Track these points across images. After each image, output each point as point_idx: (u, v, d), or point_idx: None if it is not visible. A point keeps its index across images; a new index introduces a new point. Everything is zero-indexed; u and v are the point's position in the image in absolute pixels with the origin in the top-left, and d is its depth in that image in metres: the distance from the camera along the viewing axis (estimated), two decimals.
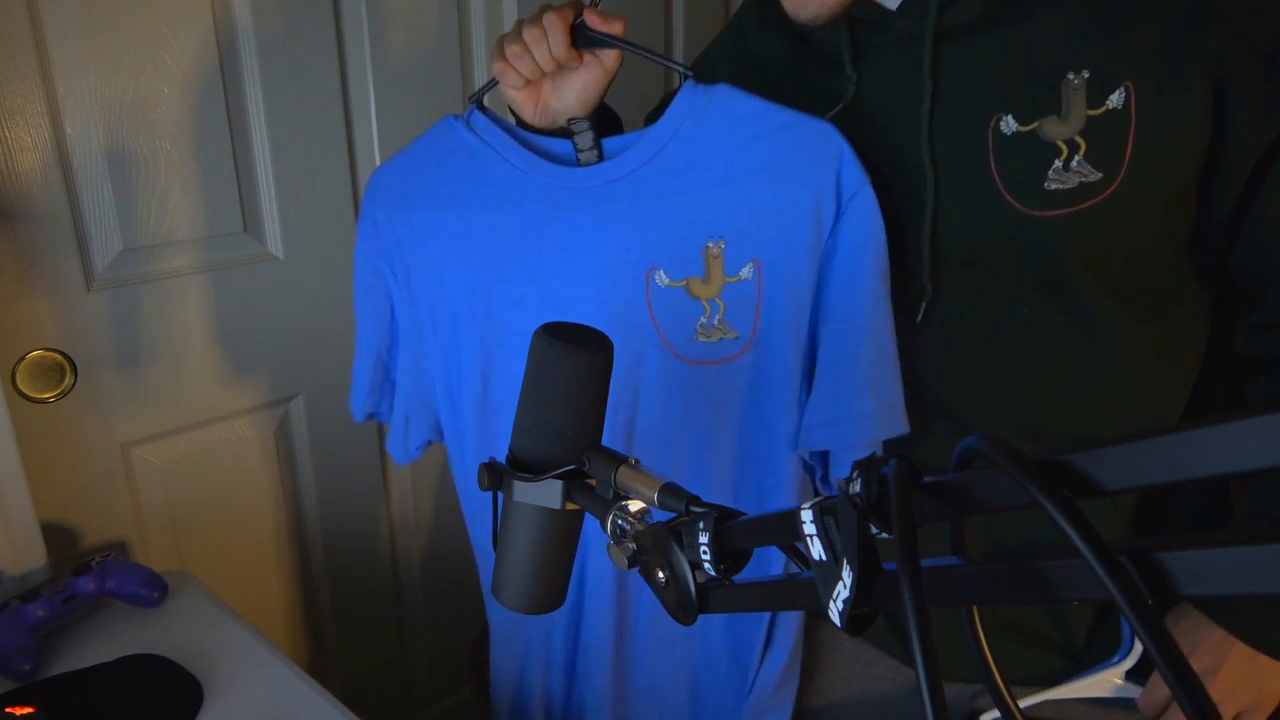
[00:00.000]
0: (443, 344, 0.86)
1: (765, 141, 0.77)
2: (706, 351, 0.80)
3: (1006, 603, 0.30)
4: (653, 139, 0.78)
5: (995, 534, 0.82)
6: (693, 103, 0.78)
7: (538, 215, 0.80)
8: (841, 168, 0.76)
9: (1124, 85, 0.67)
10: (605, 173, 0.79)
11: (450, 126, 0.83)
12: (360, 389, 0.93)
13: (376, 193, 0.85)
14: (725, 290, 0.79)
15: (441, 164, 0.83)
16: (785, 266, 0.78)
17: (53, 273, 1.03)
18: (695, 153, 0.78)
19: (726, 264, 0.78)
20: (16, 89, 0.97)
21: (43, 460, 1.05)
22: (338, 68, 1.21)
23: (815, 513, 0.36)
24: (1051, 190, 0.70)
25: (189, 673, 0.87)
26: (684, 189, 0.78)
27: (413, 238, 0.84)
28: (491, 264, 0.82)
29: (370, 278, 0.87)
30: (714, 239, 0.78)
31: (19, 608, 0.88)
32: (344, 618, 1.41)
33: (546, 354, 0.50)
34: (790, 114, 0.77)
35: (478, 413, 0.87)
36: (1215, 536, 0.24)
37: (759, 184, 0.77)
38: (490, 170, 0.81)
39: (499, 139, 0.81)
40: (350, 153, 1.25)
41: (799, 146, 0.76)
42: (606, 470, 0.47)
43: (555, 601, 0.54)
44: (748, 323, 0.79)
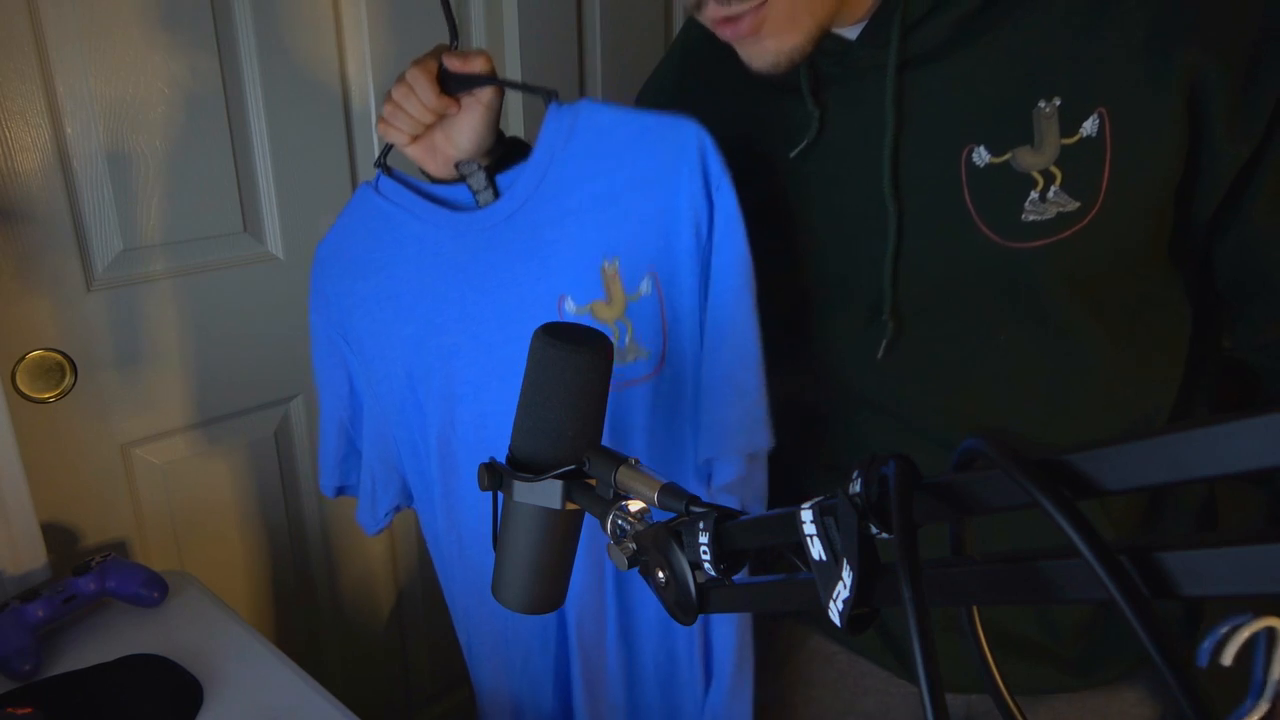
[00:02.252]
0: (401, 404, 0.86)
1: (634, 148, 0.77)
2: (624, 372, 0.79)
3: (1006, 603, 0.30)
4: (533, 168, 0.79)
5: (995, 534, 0.82)
6: (559, 124, 0.78)
7: (455, 264, 0.81)
8: (707, 160, 0.75)
9: (1097, 111, 0.65)
10: (501, 210, 0.80)
11: (364, 194, 0.84)
12: (328, 463, 0.93)
13: (320, 266, 0.86)
14: (629, 309, 0.78)
15: (365, 231, 0.84)
16: (677, 274, 0.78)
17: (53, 273, 1.03)
18: (573, 172, 0.78)
19: (625, 280, 0.78)
20: (16, 89, 0.97)
21: (43, 460, 1.05)
22: (338, 68, 1.21)
23: (815, 513, 0.36)
24: (1029, 222, 0.67)
25: (189, 673, 0.87)
26: (573, 210, 0.78)
27: (358, 305, 0.84)
28: (427, 318, 0.82)
29: (326, 349, 0.88)
30: (608, 257, 0.78)
31: (19, 608, 0.88)
32: (344, 618, 1.41)
33: (546, 354, 0.50)
34: (652, 116, 0.77)
35: (438, 467, 0.86)
36: (1215, 536, 0.24)
37: (636, 192, 0.77)
38: (406, 229, 0.82)
39: (406, 198, 0.82)
40: (350, 153, 1.25)
41: (664, 147, 0.76)
42: (606, 470, 0.47)
43: (556, 602, 0.54)
44: (657, 338, 0.79)
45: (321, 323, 0.87)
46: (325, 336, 0.88)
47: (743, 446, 0.78)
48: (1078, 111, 0.65)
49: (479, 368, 0.82)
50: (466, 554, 0.89)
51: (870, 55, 0.71)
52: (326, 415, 0.91)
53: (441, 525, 0.88)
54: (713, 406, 0.79)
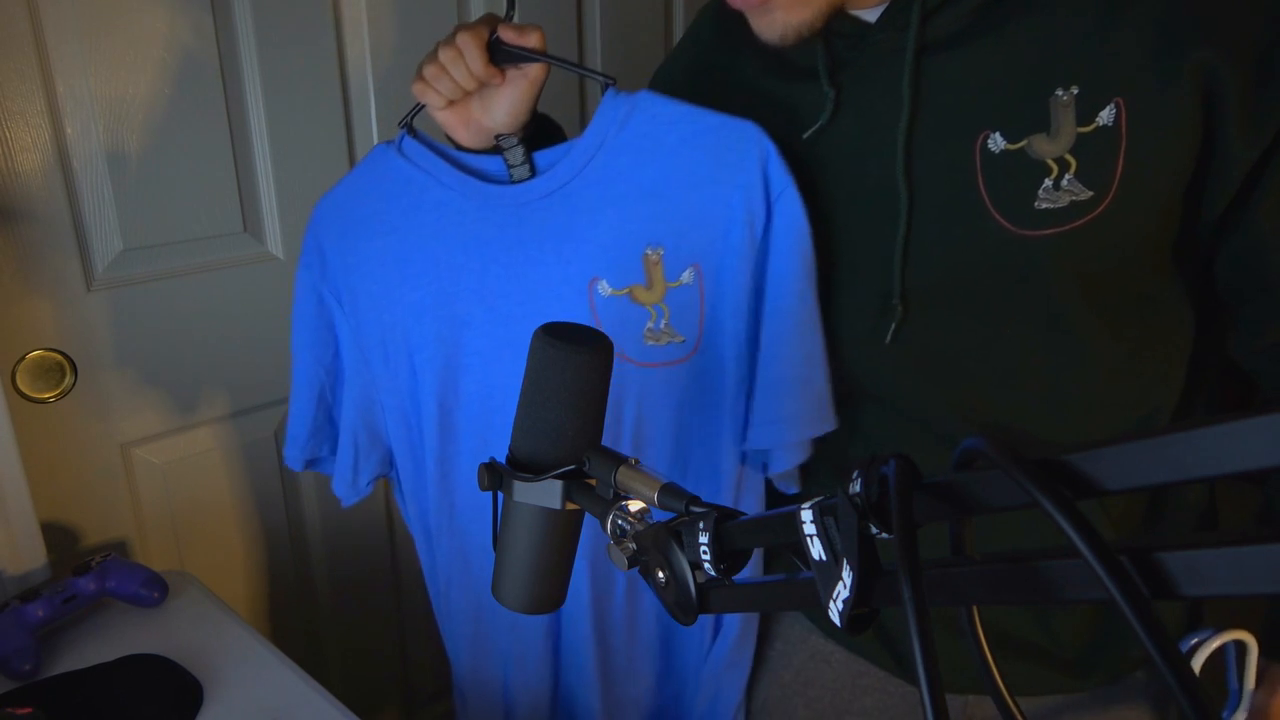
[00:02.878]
0: (395, 371, 0.85)
1: (692, 146, 0.77)
2: (655, 354, 0.80)
3: (1006, 603, 0.30)
4: (581, 151, 0.79)
5: (995, 534, 0.81)
6: (615, 111, 0.78)
7: (478, 235, 0.80)
8: (768, 166, 0.76)
9: (1114, 101, 0.65)
10: (538, 188, 0.79)
11: (383, 154, 0.83)
12: (299, 434, 0.89)
13: (321, 223, 0.84)
14: (668, 295, 0.79)
15: (379, 191, 0.82)
16: (724, 270, 0.78)
17: (53, 273, 1.03)
18: (624, 162, 0.78)
19: (667, 269, 0.79)
20: (16, 89, 0.97)
21: (43, 460, 1.05)
22: (338, 68, 1.21)
23: (815, 513, 0.36)
24: (1042, 210, 0.68)
25: (189, 673, 0.87)
26: (617, 198, 0.78)
27: (360, 265, 0.83)
28: (439, 286, 0.81)
29: (313, 309, 0.86)
30: (652, 246, 0.78)
31: (19, 608, 0.88)
32: (344, 618, 1.41)
33: (546, 354, 0.50)
34: (714, 116, 0.77)
35: (437, 439, 0.85)
36: (1215, 536, 0.24)
37: (690, 188, 0.77)
38: (427, 194, 0.81)
39: (432, 162, 0.81)
40: (350, 153, 1.25)
41: (725, 148, 0.77)
42: (606, 470, 0.47)
43: (556, 602, 0.54)
44: (693, 326, 0.80)
45: (311, 280, 0.85)
46: (314, 295, 0.85)
47: (809, 434, 0.80)
48: (1095, 101, 0.65)
49: (492, 339, 0.82)
50: (457, 524, 0.89)
51: (888, 39, 0.71)
52: (304, 382, 0.88)
53: (433, 496, 0.88)
54: (777, 401, 0.80)
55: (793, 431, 0.80)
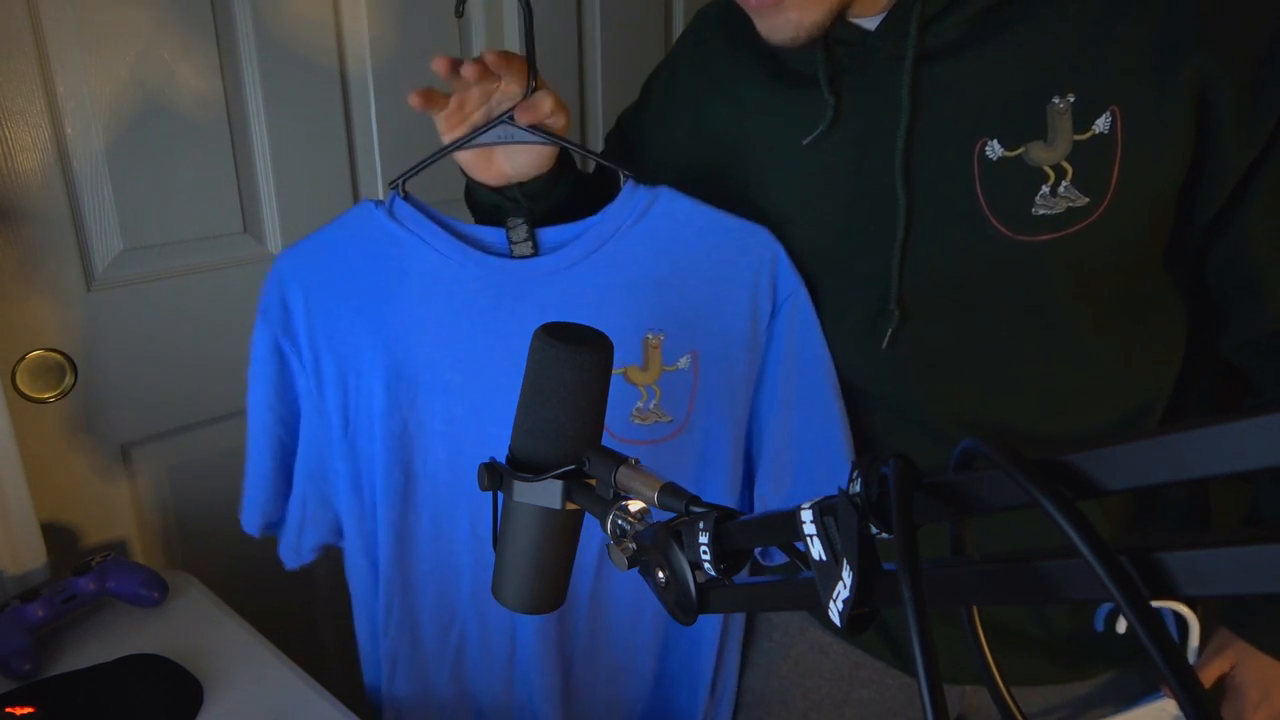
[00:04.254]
0: (354, 437, 0.82)
1: (706, 244, 0.79)
2: (641, 432, 0.81)
3: (1006, 603, 0.30)
4: (595, 236, 0.79)
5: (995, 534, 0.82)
6: (635, 202, 0.80)
7: (470, 306, 0.79)
8: (777, 270, 0.80)
9: (1110, 109, 0.65)
10: (543, 266, 0.79)
11: (370, 213, 0.80)
12: (257, 496, 0.85)
13: (286, 274, 0.80)
14: (662, 378, 0.80)
15: (362, 250, 0.79)
16: (722, 358, 0.80)
17: (53, 273, 1.03)
18: (636, 251, 0.79)
19: (665, 354, 0.80)
20: (16, 89, 0.97)
21: (43, 460, 1.05)
22: (338, 68, 1.21)
23: (815, 513, 0.36)
24: (1039, 216, 0.68)
25: (189, 673, 0.87)
26: (625, 285, 0.79)
27: (328, 323, 0.80)
28: (416, 354, 0.79)
29: (273, 363, 0.81)
30: (653, 331, 0.80)
31: (19, 608, 0.88)
32: (344, 617, 1.41)
33: (546, 354, 0.50)
34: (729, 219, 0.80)
35: (398, 509, 0.83)
36: (1215, 536, 0.24)
37: (699, 284, 0.80)
38: (417, 259, 0.79)
39: (425, 228, 0.79)
40: (350, 153, 1.25)
41: (738, 251, 0.80)
42: (606, 470, 0.47)
43: (555, 601, 0.54)
44: (682, 408, 0.81)
45: (270, 333, 0.81)
46: (273, 349, 0.81)
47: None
48: (1091, 108, 0.66)
49: (470, 407, 0.80)
50: (410, 600, 0.87)
51: (888, 46, 0.71)
52: (263, 440, 0.84)
53: (385, 569, 0.85)
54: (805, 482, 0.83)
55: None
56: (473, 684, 0.90)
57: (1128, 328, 0.75)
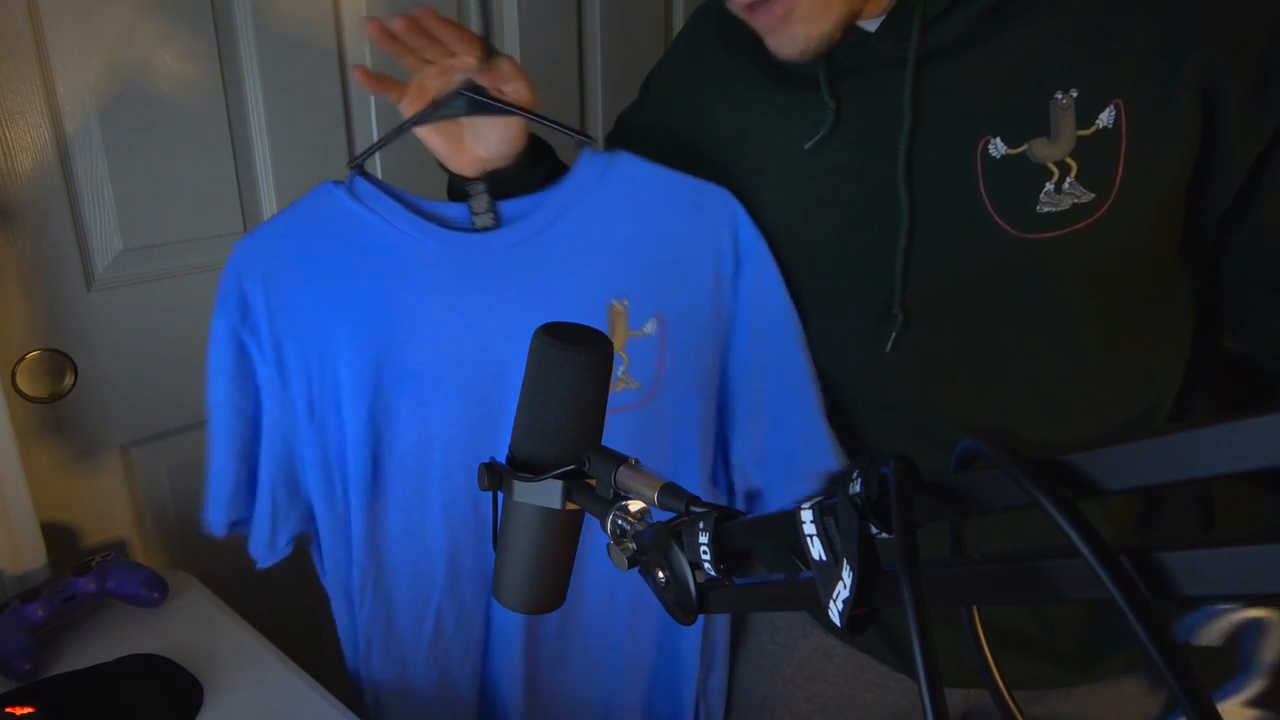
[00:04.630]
0: (321, 423, 0.81)
1: (664, 205, 0.80)
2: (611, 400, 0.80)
3: (1006, 603, 0.30)
4: (554, 205, 0.79)
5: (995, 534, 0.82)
6: (592, 168, 0.80)
7: (433, 283, 0.78)
8: (738, 228, 0.80)
9: (1113, 103, 0.65)
10: (505, 238, 0.79)
11: (330, 193, 0.79)
12: (221, 494, 0.83)
13: (243, 262, 0.79)
14: (629, 344, 0.80)
15: (322, 232, 0.78)
16: (687, 322, 0.80)
17: (53, 273, 1.03)
18: (597, 218, 0.79)
19: (630, 320, 0.80)
20: (16, 89, 0.97)
21: (43, 460, 1.05)
22: (338, 67, 1.21)
23: (815, 513, 0.36)
24: (1044, 213, 0.68)
25: (189, 673, 0.87)
26: (586, 252, 0.79)
27: (288, 309, 0.78)
28: (381, 335, 0.78)
29: (232, 356, 0.80)
30: (618, 298, 0.79)
31: (19, 608, 0.88)
32: None
33: (546, 354, 0.50)
34: (687, 179, 0.80)
35: (367, 494, 0.82)
36: (1215, 536, 0.24)
37: (660, 245, 0.80)
38: (379, 238, 0.78)
39: (386, 205, 0.78)
40: (350, 153, 1.25)
41: (696, 209, 0.80)
42: (606, 470, 0.47)
43: (555, 601, 0.54)
44: (650, 374, 0.81)
45: (229, 325, 0.79)
46: (232, 341, 0.80)
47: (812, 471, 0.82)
48: (1094, 103, 0.66)
49: (439, 386, 0.80)
50: (384, 580, 0.86)
51: (889, 48, 0.71)
52: (224, 436, 0.82)
53: (358, 553, 0.85)
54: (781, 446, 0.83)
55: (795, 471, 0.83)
56: (450, 667, 0.90)
57: (1134, 330, 0.74)
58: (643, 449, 0.81)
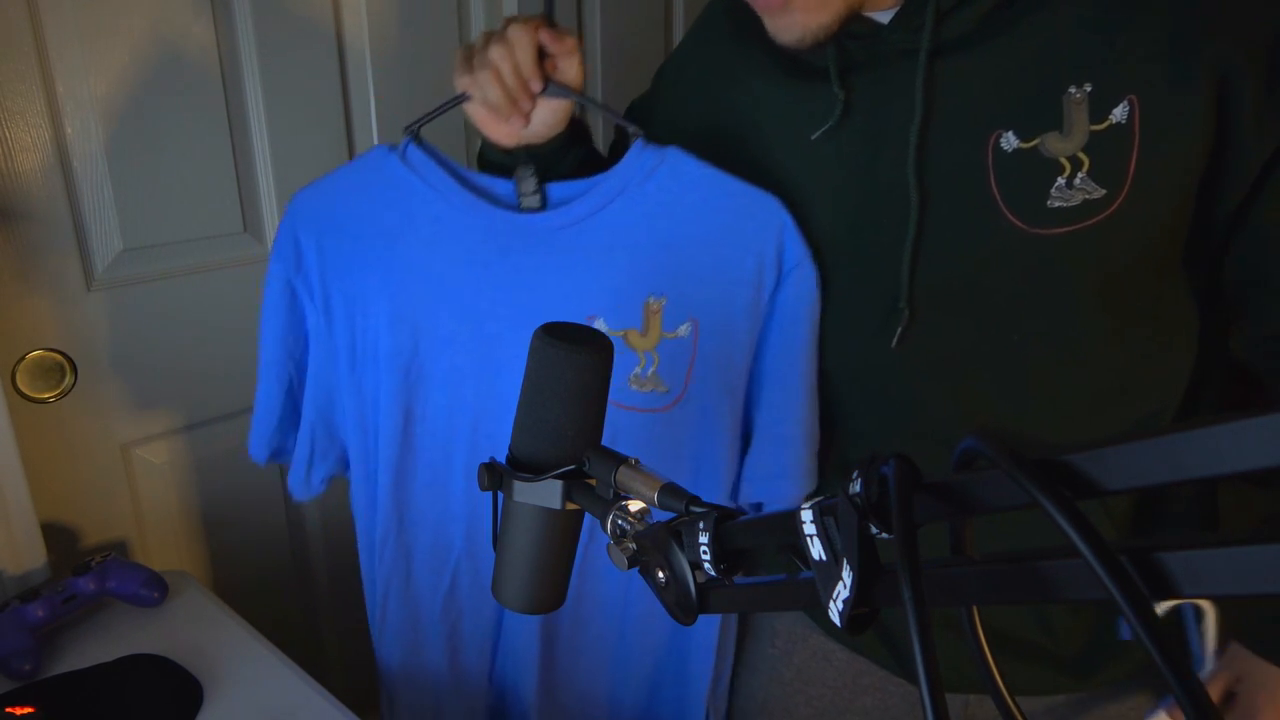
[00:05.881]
0: (360, 375, 0.83)
1: (713, 207, 0.78)
2: (639, 399, 0.81)
3: (1006, 603, 0.30)
4: (601, 193, 0.79)
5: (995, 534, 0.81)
6: (643, 162, 0.79)
7: (475, 256, 0.79)
8: (784, 239, 0.78)
9: (1127, 99, 0.64)
10: (550, 220, 0.79)
11: (384, 157, 0.81)
12: (265, 425, 0.87)
13: (300, 214, 0.81)
14: (661, 344, 0.80)
15: (373, 194, 0.80)
16: (722, 328, 0.79)
17: (53, 273, 1.03)
18: (642, 211, 0.79)
19: (665, 319, 0.79)
20: (16, 89, 0.97)
21: (43, 460, 1.05)
22: (338, 67, 1.21)
23: (815, 513, 0.36)
24: (1055, 208, 0.67)
25: (189, 673, 0.87)
26: (629, 245, 0.79)
27: (338, 263, 0.81)
28: (421, 299, 0.80)
29: (284, 300, 0.83)
30: (655, 295, 0.79)
31: (19, 608, 0.88)
32: (344, 617, 1.41)
33: (546, 354, 0.50)
34: (737, 184, 0.78)
35: (397, 448, 0.84)
36: (1215, 536, 0.24)
37: (703, 248, 0.79)
38: (426, 207, 0.80)
39: (437, 176, 0.79)
40: (350, 153, 1.25)
41: (744, 216, 0.78)
42: (606, 470, 0.47)
43: (555, 601, 0.54)
44: (680, 378, 0.81)
45: (283, 271, 0.82)
46: (285, 287, 0.83)
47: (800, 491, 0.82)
48: (1108, 98, 0.65)
49: (471, 357, 0.81)
50: (405, 535, 0.88)
51: (901, 40, 0.71)
52: (272, 373, 0.86)
53: (382, 505, 0.87)
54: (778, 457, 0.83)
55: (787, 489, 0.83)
56: (462, 626, 0.91)
57: (1142, 330, 0.74)
58: (666, 454, 0.82)
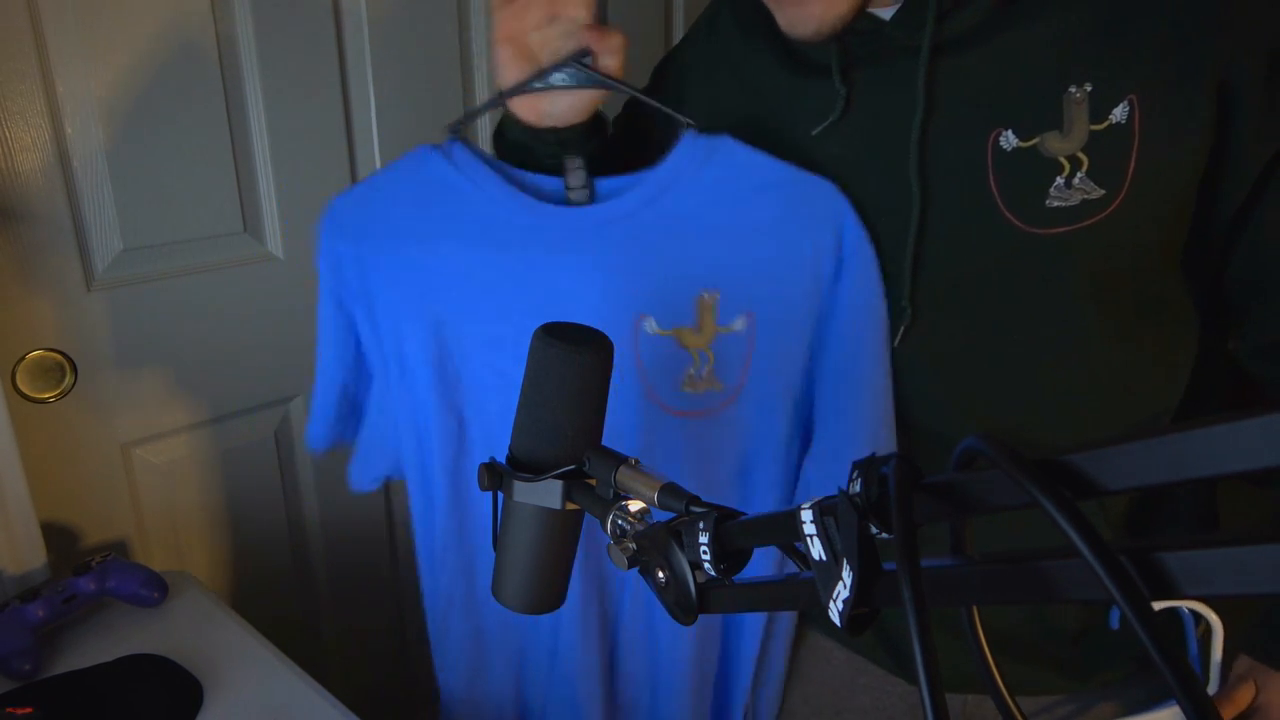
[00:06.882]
0: (410, 382, 0.81)
1: (766, 197, 0.76)
2: (692, 402, 0.79)
3: (1006, 603, 0.30)
4: (652, 184, 0.76)
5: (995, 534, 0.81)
6: (694, 151, 0.77)
7: (521, 254, 0.77)
8: (843, 228, 0.75)
9: (1127, 99, 0.64)
10: (599, 214, 0.77)
11: (426, 157, 0.79)
12: (323, 420, 0.86)
13: (338, 224, 0.79)
14: (716, 340, 0.77)
15: (415, 195, 0.78)
16: (779, 321, 0.77)
17: (53, 273, 1.03)
18: (694, 202, 0.76)
19: (719, 314, 0.77)
20: (16, 89, 0.97)
21: (43, 460, 1.05)
22: (338, 68, 1.21)
23: (815, 513, 0.36)
24: (1054, 208, 0.67)
25: (189, 673, 0.87)
26: (681, 237, 0.76)
27: (380, 270, 0.79)
28: (467, 301, 0.78)
29: (333, 312, 0.81)
30: (708, 289, 0.76)
31: (19, 608, 0.88)
32: (344, 617, 1.41)
33: (546, 354, 0.50)
34: (792, 170, 0.76)
35: (451, 455, 0.82)
36: (1215, 537, 0.24)
37: (758, 238, 0.76)
38: (470, 205, 0.77)
39: (481, 172, 0.77)
40: (350, 153, 1.25)
41: (800, 203, 0.75)
42: (606, 470, 0.47)
43: (555, 602, 0.54)
44: (735, 375, 0.78)
45: (328, 282, 0.80)
46: (333, 299, 0.81)
47: None
48: (1108, 98, 0.65)
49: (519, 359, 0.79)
50: (466, 541, 0.87)
51: (903, 36, 0.71)
52: (328, 379, 0.85)
53: (440, 512, 0.85)
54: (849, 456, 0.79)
55: None
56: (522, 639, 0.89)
57: (1142, 333, 0.74)
58: (722, 453, 0.80)
